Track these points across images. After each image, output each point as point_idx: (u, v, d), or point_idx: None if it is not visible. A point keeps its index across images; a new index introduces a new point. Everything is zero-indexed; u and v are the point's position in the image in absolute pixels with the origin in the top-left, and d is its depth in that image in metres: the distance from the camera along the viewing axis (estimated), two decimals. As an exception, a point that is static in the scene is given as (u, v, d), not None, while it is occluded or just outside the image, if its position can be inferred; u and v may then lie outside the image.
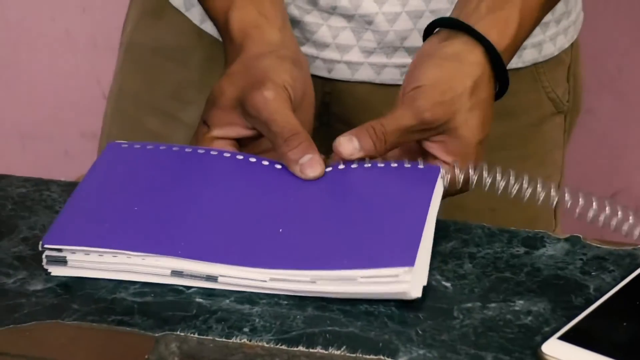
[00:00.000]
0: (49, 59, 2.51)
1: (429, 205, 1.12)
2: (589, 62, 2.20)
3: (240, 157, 1.18)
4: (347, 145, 1.15)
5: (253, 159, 1.18)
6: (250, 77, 1.19)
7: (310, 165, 1.15)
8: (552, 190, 1.14)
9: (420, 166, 1.17)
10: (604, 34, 2.24)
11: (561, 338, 0.99)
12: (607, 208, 1.13)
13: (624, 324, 1.02)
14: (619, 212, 1.13)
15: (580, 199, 1.13)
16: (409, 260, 1.04)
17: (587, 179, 2.28)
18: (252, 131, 1.20)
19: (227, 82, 1.21)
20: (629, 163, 2.29)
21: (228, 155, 1.18)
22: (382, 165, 1.16)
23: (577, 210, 1.13)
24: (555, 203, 1.14)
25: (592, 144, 2.29)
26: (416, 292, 1.04)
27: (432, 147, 1.20)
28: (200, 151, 1.19)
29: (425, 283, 1.06)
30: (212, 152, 1.18)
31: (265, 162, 1.17)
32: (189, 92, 1.41)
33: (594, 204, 1.13)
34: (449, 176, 1.16)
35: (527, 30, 1.27)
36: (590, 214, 1.13)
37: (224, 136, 1.20)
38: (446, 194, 1.16)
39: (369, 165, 1.16)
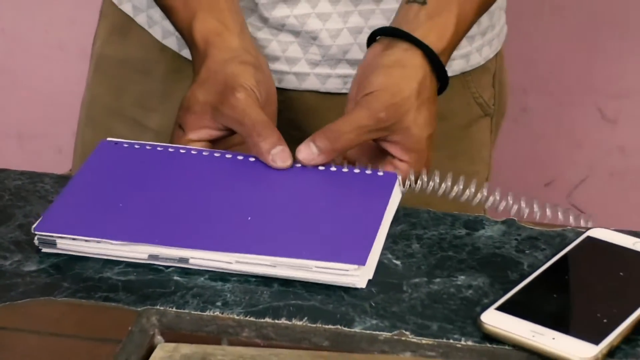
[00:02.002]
0: (44, 66, 2.50)
1: (385, 210, 1.12)
2: (524, 67, 2.22)
3: (217, 154, 1.18)
4: (306, 150, 1.16)
5: (229, 155, 1.18)
6: (220, 84, 1.20)
7: (281, 156, 1.15)
8: (481, 191, 1.16)
9: (380, 173, 1.17)
10: (537, 42, 2.24)
11: (498, 308, 1.00)
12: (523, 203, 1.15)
13: (554, 295, 1.02)
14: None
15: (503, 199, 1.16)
16: (361, 259, 1.05)
17: (523, 171, 2.29)
18: (222, 132, 1.20)
19: (198, 89, 1.21)
20: (560, 156, 2.30)
21: (207, 153, 1.19)
22: (346, 170, 1.17)
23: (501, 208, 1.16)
24: (484, 202, 1.16)
25: (528, 139, 2.30)
26: (362, 284, 1.04)
27: (388, 145, 1.20)
28: (182, 150, 1.19)
29: (371, 276, 1.06)
30: (192, 152, 1.19)
31: (240, 157, 1.17)
32: (153, 100, 1.41)
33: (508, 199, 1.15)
34: (412, 177, 1.17)
35: (463, 32, 1.27)
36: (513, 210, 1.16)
37: (198, 139, 1.20)
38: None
39: (334, 169, 1.17)
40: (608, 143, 2.28)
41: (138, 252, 1.06)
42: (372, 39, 1.25)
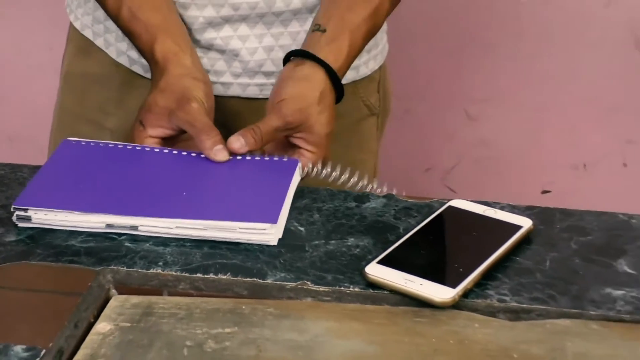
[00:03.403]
0: (29, 84, 2.48)
1: (289, 184, 1.12)
2: (407, 77, 2.23)
3: (165, 150, 1.18)
4: (236, 142, 1.16)
5: (175, 152, 1.18)
6: (177, 93, 1.20)
7: (221, 152, 1.15)
8: (362, 181, 1.17)
9: (285, 159, 1.17)
10: (417, 58, 2.26)
11: (379, 262, 1.00)
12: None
13: (422, 251, 1.03)
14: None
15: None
16: (273, 219, 1.05)
17: (408, 160, 2.30)
18: (174, 132, 1.20)
19: (158, 95, 1.21)
20: (436, 148, 2.32)
21: (148, 149, 1.19)
22: (259, 158, 1.17)
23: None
24: (367, 188, 1.17)
25: (411, 134, 2.31)
26: (274, 242, 1.05)
27: (296, 140, 1.21)
28: (137, 148, 1.18)
29: (280, 236, 1.06)
30: (137, 147, 1.19)
31: (184, 153, 1.17)
32: (110, 106, 1.39)
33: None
34: (310, 164, 1.18)
35: (354, 55, 1.28)
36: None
37: (155, 135, 1.20)
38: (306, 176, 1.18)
39: (250, 157, 1.17)
40: (473, 137, 2.30)
41: (97, 221, 1.05)
42: (287, 59, 1.26)
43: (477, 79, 2.26)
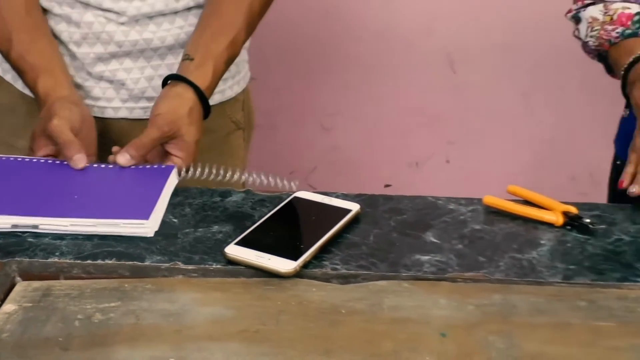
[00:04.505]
0: None
1: (163, 186, 1.12)
2: (273, 97, 2.24)
3: (57, 162, 1.17)
4: (123, 158, 1.16)
5: (58, 162, 1.17)
6: (47, 116, 1.19)
7: (80, 160, 1.15)
8: (235, 176, 1.18)
9: (163, 166, 1.18)
10: (281, 80, 2.26)
11: (236, 244, 1.01)
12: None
13: (270, 233, 1.04)
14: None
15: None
16: (147, 215, 1.06)
17: (275, 164, 2.28)
18: (56, 147, 1.19)
19: (38, 124, 1.21)
20: (298, 154, 2.32)
21: (43, 160, 1.18)
22: (141, 166, 1.17)
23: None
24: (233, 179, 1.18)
25: (277, 144, 2.32)
26: (151, 234, 1.05)
27: (170, 148, 1.21)
28: (40, 160, 1.18)
29: (157, 228, 1.06)
30: (34, 160, 1.18)
31: (66, 163, 1.17)
32: (20, 131, 1.37)
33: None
34: (184, 167, 1.18)
35: (218, 78, 1.29)
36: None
37: (43, 155, 1.20)
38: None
39: (131, 166, 1.17)
40: (327, 144, 2.32)
41: (4, 222, 1.05)
42: (165, 82, 1.27)
43: (329, 97, 2.28)
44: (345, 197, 1.13)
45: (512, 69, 2.19)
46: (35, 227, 1.05)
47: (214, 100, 1.36)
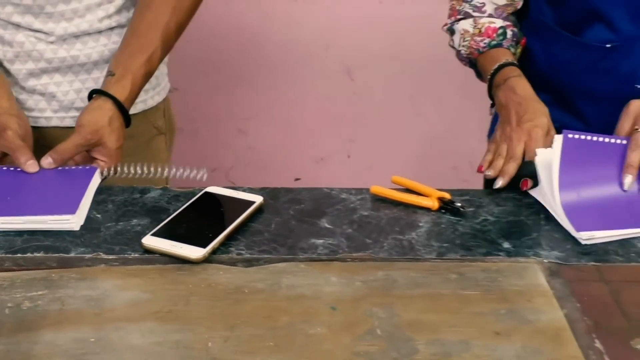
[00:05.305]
0: None
1: (87, 185, 1.10)
2: (196, 105, 2.21)
3: (4, 168, 1.14)
4: (45, 161, 1.14)
5: (12, 168, 1.14)
6: None
7: (32, 166, 1.13)
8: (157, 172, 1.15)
9: (87, 167, 1.15)
10: (203, 89, 2.24)
11: (152, 235, 1.00)
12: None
13: (183, 224, 1.03)
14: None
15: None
16: (73, 210, 1.04)
17: (197, 164, 2.24)
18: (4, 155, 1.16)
19: None
20: (219, 154, 2.30)
21: None
22: (73, 168, 1.15)
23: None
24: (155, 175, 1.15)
25: (202, 146, 2.29)
26: (77, 228, 1.03)
27: (94, 153, 1.18)
28: None
29: (82, 223, 1.04)
30: None
31: (4, 168, 1.14)
32: None
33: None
34: (106, 169, 1.16)
35: (137, 89, 1.26)
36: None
37: None
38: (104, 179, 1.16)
39: (61, 168, 1.14)
40: (243, 145, 2.30)
41: None
42: (90, 96, 1.24)
43: (243, 103, 2.27)
44: (251, 190, 1.12)
45: (400, 76, 2.22)
46: None
47: (136, 109, 1.33)
